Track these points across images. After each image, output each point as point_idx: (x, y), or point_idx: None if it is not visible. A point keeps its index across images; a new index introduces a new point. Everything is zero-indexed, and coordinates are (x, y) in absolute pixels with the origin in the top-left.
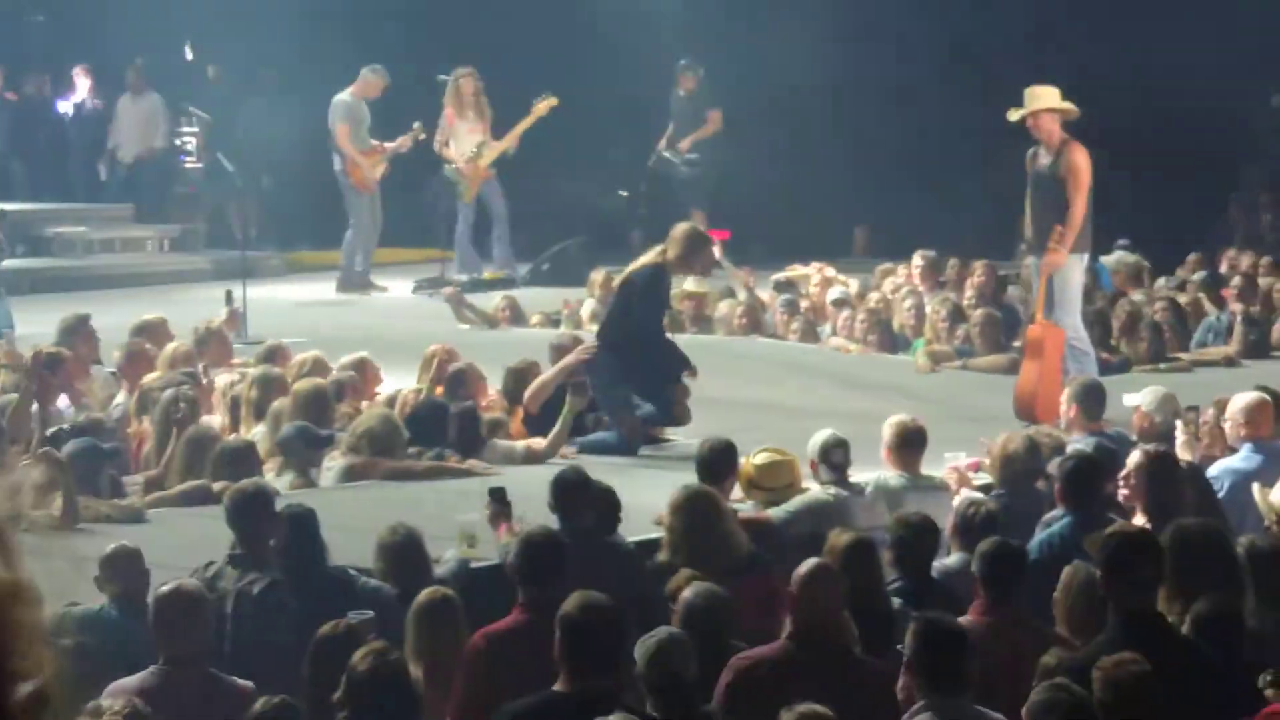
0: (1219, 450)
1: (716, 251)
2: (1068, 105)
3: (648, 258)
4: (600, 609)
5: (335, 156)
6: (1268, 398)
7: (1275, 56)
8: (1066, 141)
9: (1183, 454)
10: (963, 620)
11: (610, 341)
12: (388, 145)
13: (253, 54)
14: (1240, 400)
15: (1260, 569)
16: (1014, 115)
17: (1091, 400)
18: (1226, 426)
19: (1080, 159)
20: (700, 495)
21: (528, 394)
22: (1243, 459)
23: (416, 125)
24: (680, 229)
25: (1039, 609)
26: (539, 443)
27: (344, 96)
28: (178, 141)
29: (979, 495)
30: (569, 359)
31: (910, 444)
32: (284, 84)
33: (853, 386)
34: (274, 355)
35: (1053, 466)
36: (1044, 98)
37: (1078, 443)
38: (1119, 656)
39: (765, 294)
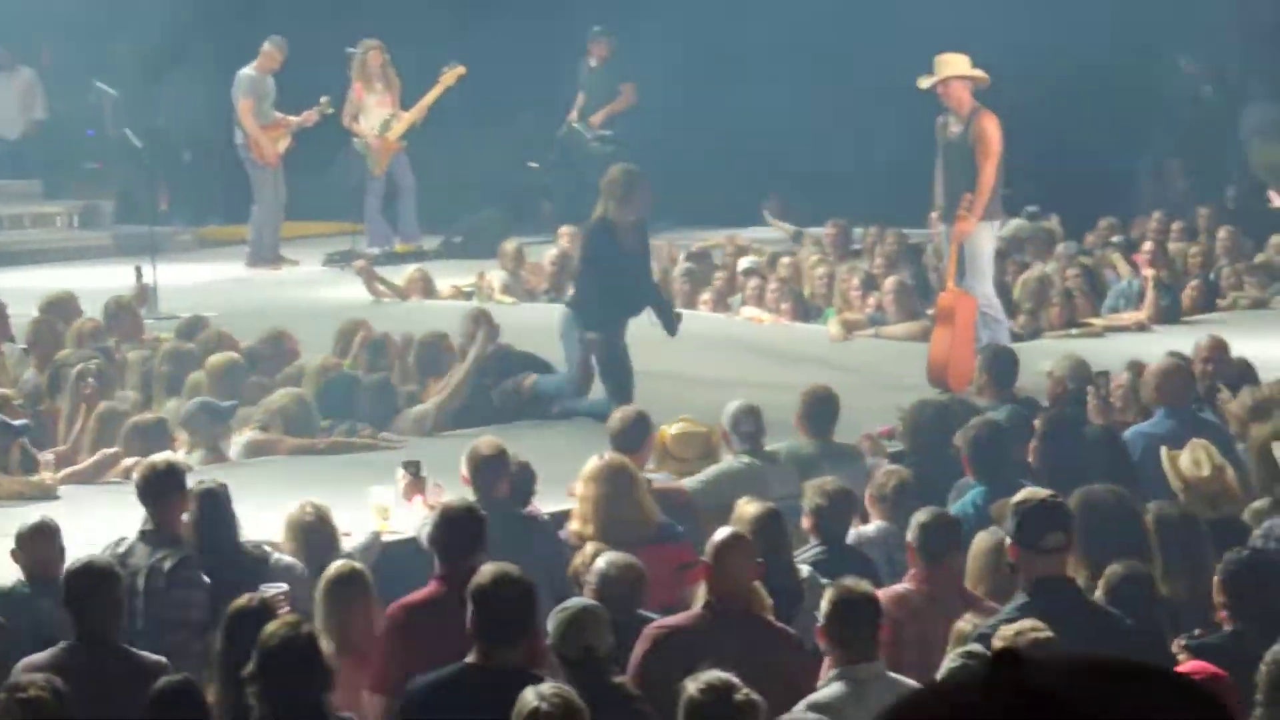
0: (1133, 416)
1: None
2: (978, 72)
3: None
4: (512, 581)
5: (237, 131)
6: (1181, 363)
7: (1184, 19)
8: (977, 109)
9: (1094, 419)
10: (900, 589)
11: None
12: (292, 119)
13: (178, 28)
14: (1154, 366)
15: (1166, 536)
16: (924, 83)
17: (1002, 367)
18: (1141, 391)
19: (990, 127)
20: (616, 466)
21: (442, 393)
22: (1154, 424)
23: (324, 99)
24: (609, 175)
25: None
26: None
27: (247, 71)
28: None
29: (894, 466)
30: (472, 355)
31: (823, 412)
32: (207, 58)
33: (766, 356)
34: (194, 328)
35: (959, 435)
36: (954, 65)
37: (990, 410)
38: (1019, 625)
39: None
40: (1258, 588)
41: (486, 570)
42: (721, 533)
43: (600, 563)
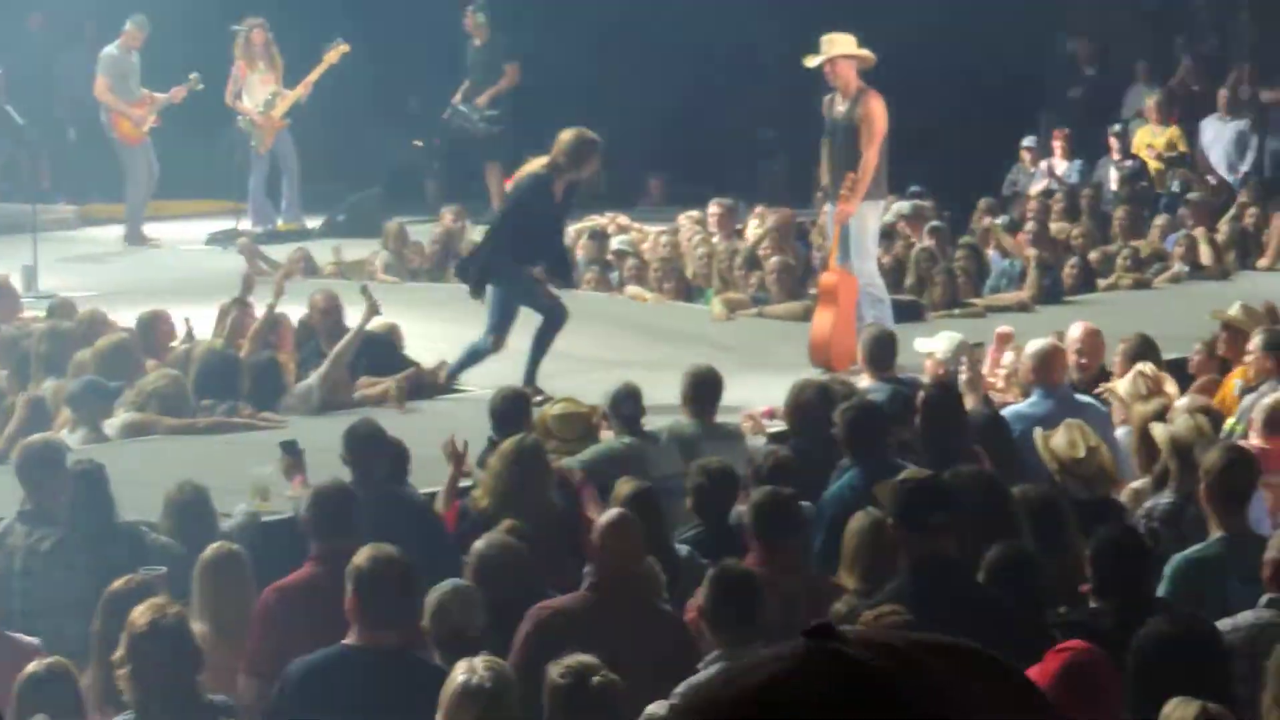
0: (1013, 396)
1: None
2: (865, 52)
3: (532, 166)
4: (390, 562)
5: (101, 109)
6: (1059, 344)
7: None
8: (863, 89)
9: (966, 393)
10: None
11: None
12: (159, 96)
13: (77, 5)
14: (1032, 346)
15: (1033, 516)
16: (810, 62)
17: (882, 347)
18: (1020, 370)
19: (876, 107)
20: (530, 447)
21: (329, 367)
22: (1031, 404)
23: (193, 76)
24: (566, 135)
25: (836, 563)
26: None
27: (110, 49)
28: None
29: (772, 445)
30: (356, 328)
31: (705, 392)
32: (103, 37)
33: (649, 335)
34: (62, 310)
35: (837, 416)
36: (840, 44)
37: (871, 391)
38: (880, 609)
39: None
40: (1125, 565)
41: (364, 551)
42: (609, 513)
43: (479, 544)
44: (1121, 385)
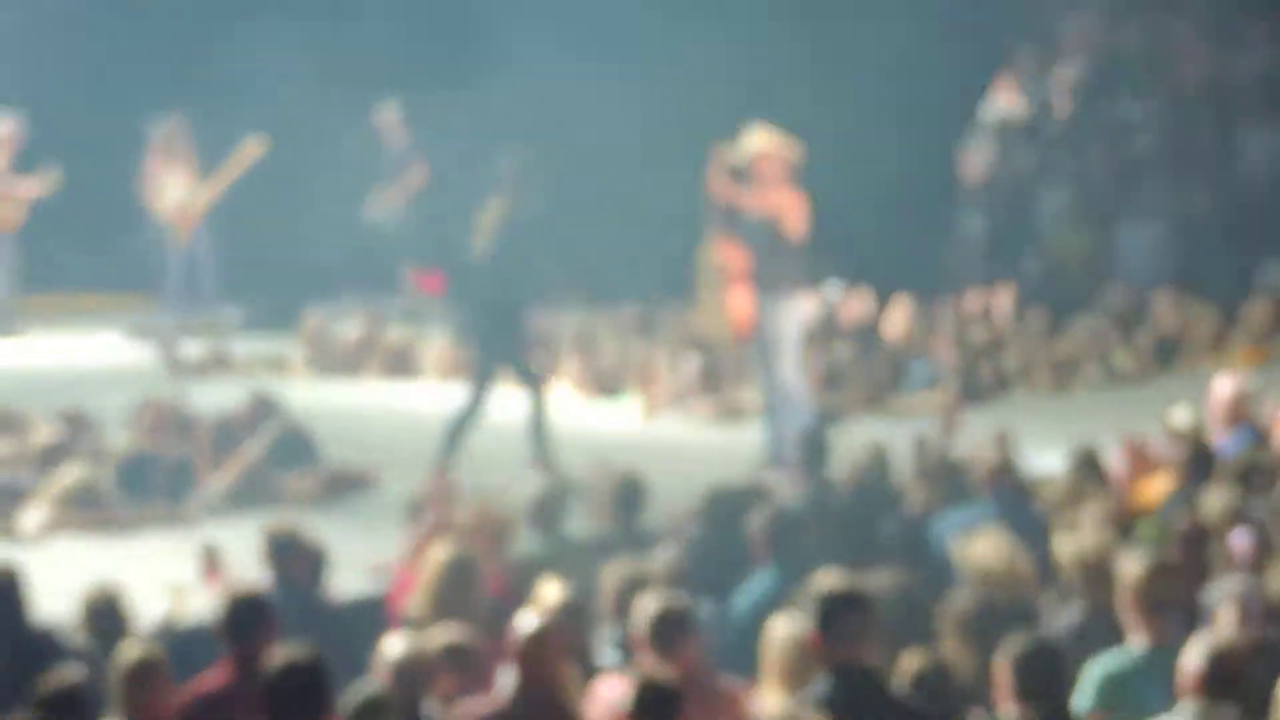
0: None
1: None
2: (789, 148)
3: (492, 219)
4: (305, 667)
5: None
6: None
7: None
8: (780, 183)
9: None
10: None
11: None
12: (21, 189)
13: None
14: (979, 452)
15: (955, 627)
16: (735, 158)
17: (816, 450)
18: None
19: (791, 200)
20: (461, 560)
21: (232, 472)
22: (972, 512)
23: (51, 171)
24: (510, 167)
25: (750, 666)
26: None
27: None
28: None
29: (668, 552)
30: (267, 437)
31: (627, 499)
32: None
33: (568, 435)
34: None
35: (753, 518)
36: (764, 140)
37: (801, 494)
38: (790, 713)
39: None
40: (1040, 673)
41: (280, 656)
42: (528, 621)
43: (395, 648)
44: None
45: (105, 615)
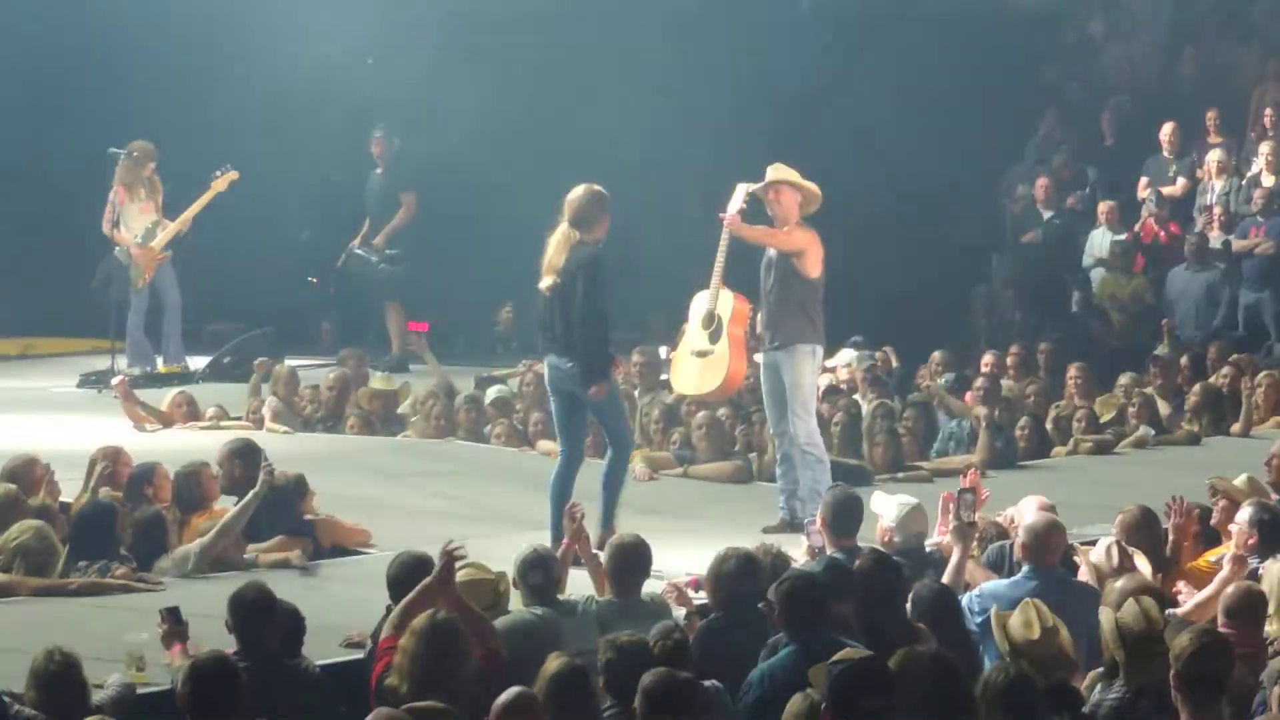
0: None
1: (415, 346)
2: (811, 185)
3: (559, 250)
4: None
5: None
6: (1057, 520)
7: (1024, 141)
8: (800, 225)
9: (955, 542)
10: None
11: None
12: None
13: None
14: (1029, 519)
15: (993, 704)
16: (752, 185)
17: (846, 512)
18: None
19: (807, 238)
20: (443, 624)
21: (209, 535)
22: (1013, 584)
23: None
24: (573, 198)
25: None
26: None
27: None
28: None
29: (669, 624)
30: (250, 497)
31: (630, 565)
32: None
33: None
34: None
35: (773, 589)
36: (786, 172)
37: (807, 561)
38: None
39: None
40: None
41: None
42: (508, 693)
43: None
44: (1093, 555)
45: (58, 684)
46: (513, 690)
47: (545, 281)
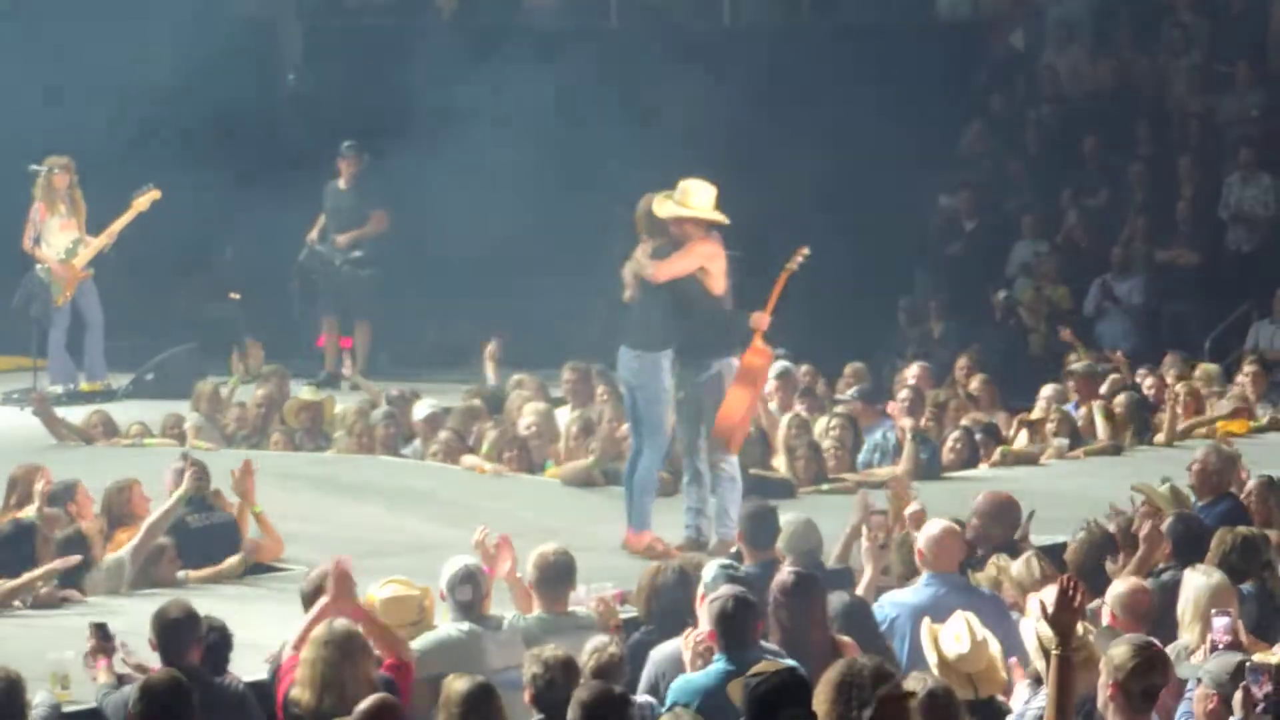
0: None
1: (346, 368)
2: (718, 216)
3: (644, 259)
4: None
5: None
6: (954, 526)
7: (944, 147)
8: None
9: (867, 563)
10: None
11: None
12: None
13: None
14: (925, 528)
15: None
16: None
17: (763, 524)
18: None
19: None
20: (340, 631)
21: (142, 538)
22: (915, 590)
23: None
24: (639, 214)
25: None
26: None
27: None
28: None
29: (603, 639)
30: (175, 497)
31: (555, 578)
32: None
33: (487, 511)
34: None
35: (705, 607)
36: (696, 197)
37: (749, 572)
38: None
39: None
40: None
41: None
42: (367, 700)
43: None
44: (1015, 568)
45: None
46: (370, 701)
47: (627, 293)
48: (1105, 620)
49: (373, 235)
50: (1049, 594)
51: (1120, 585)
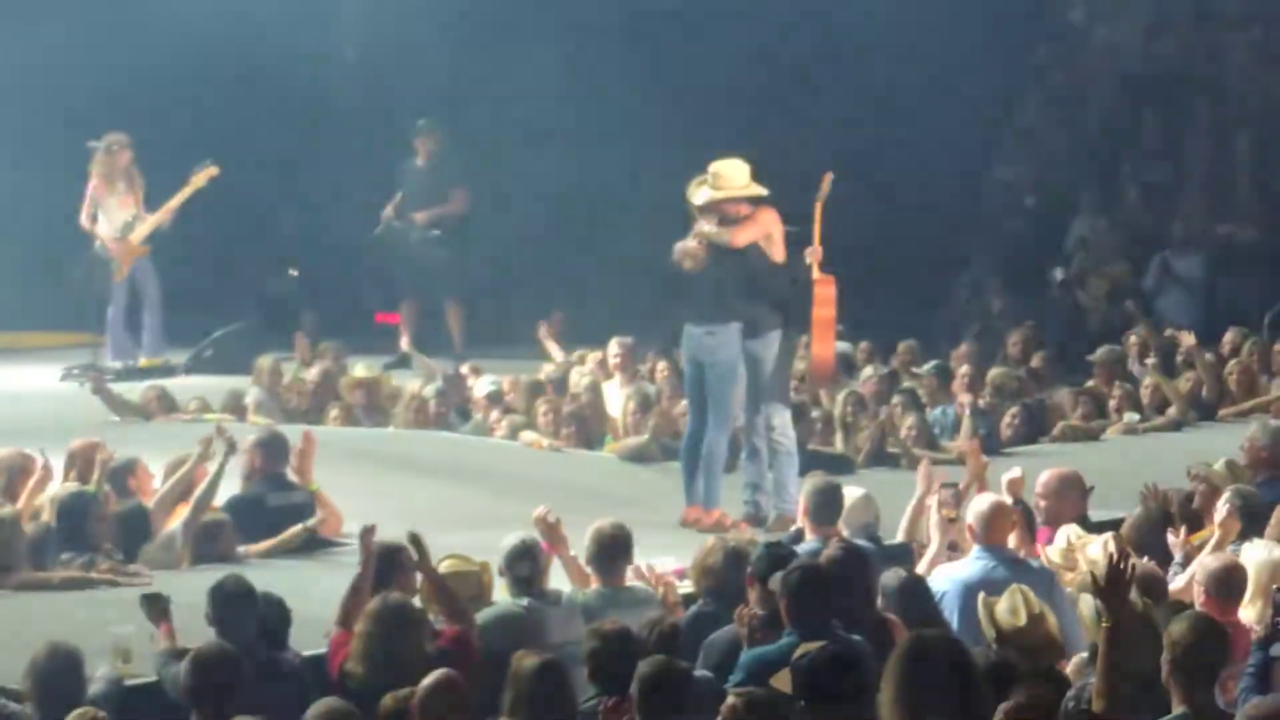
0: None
1: (404, 343)
2: (757, 189)
3: (715, 229)
4: None
5: None
6: (1004, 501)
7: (1003, 124)
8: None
9: (934, 534)
10: None
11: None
12: None
13: None
14: (976, 503)
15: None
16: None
17: (827, 501)
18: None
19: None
20: (394, 605)
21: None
22: (965, 565)
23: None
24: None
25: None
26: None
27: None
28: None
29: (661, 612)
30: (214, 471)
31: (612, 553)
32: None
33: (545, 486)
34: None
35: (777, 580)
36: (730, 177)
37: (810, 549)
38: None
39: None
40: None
41: None
42: (433, 676)
43: (311, 711)
44: (1091, 549)
45: (55, 680)
46: (440, 672)
47: (689, 264)
48: (1198, 600)
49: (454, 214)
50: (1100, 566)
51: (1212, 562)
